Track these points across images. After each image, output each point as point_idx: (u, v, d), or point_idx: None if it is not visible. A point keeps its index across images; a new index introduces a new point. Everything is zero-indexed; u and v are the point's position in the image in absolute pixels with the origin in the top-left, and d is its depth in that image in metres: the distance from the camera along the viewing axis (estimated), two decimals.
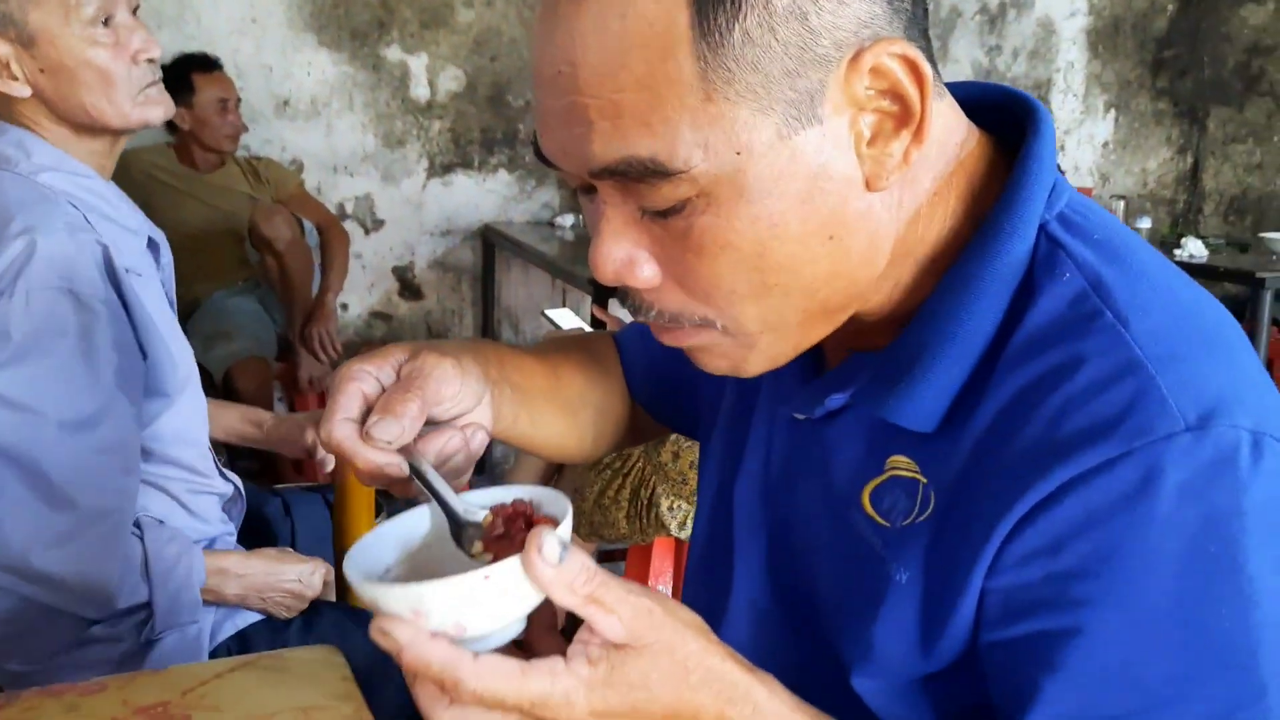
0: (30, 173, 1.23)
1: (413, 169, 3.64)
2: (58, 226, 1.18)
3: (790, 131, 0.54)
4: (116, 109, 1.26)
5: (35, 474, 1.16)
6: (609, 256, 0.59)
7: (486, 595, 0.52)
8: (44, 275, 1.15)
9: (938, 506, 0.59)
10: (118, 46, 1.25)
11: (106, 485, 1.20)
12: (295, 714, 0.71)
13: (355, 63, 3.51)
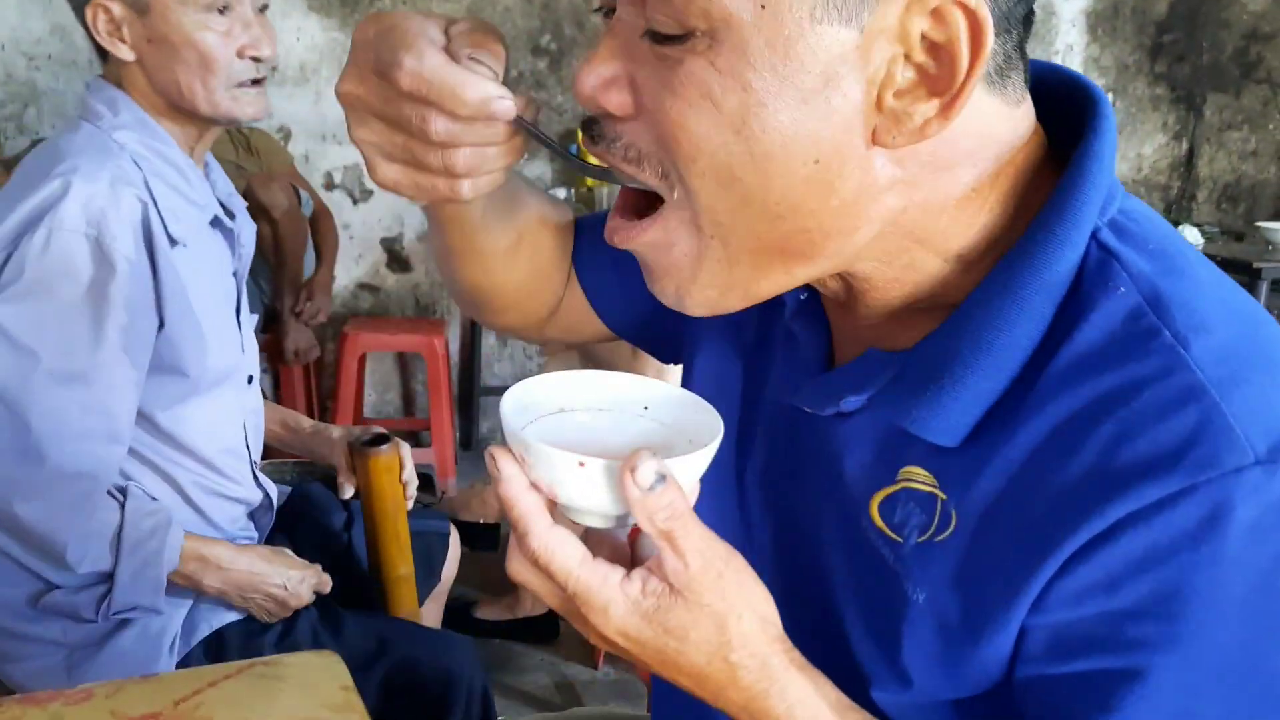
0: (109, 129, 1.25)
1: None
2: (101, 175, 1.18)
3: (824, 17, 0.50)
4: (208, 94, 1.26)
5: (18, 418, 1.14)
6: (595, 71, 0.56)
7: (578, 479, 0.53)
8: (72, 217, 1.15)
9: (962, 527, 0.55)
10: (227, 36, 1.26)
11: (83, 449, 1.18)
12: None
13: (346, 29, 3.43)
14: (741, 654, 0.54)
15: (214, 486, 1.37)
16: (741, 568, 0.55)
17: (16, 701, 0.69)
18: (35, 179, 1.19)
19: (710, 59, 0.51)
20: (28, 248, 1.15)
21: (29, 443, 1.15)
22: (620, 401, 0.63)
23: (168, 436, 1.30)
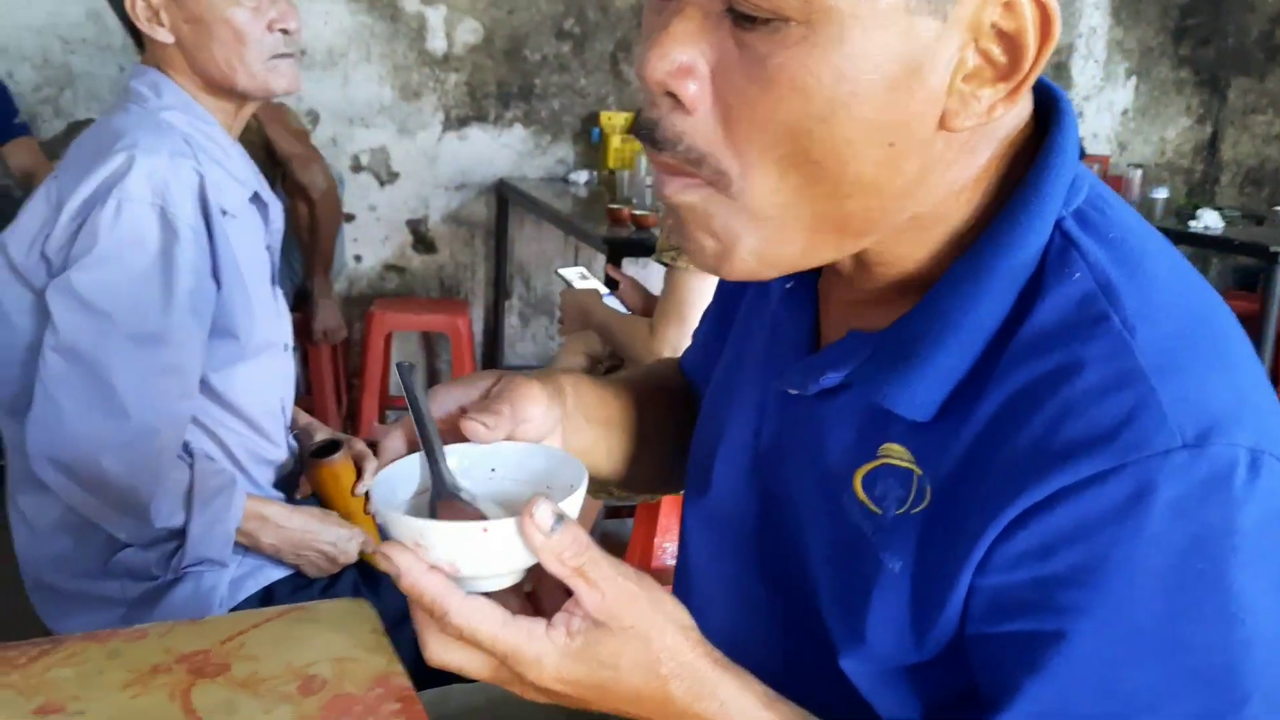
0: (155, 109, 1.31)
1: (428, 122, 3.63)
2: (161, 149, 1.25)
3: (917, 9, 0.51)
4: (246, 69, 1.32)
5: (100, 379, 1.22)
6: (668, 56, 0.54)
7: (482, 545, 0.56)
8: (138, 189, 1.22)
9: (933, 498, 0.59)
10: (257, 11, 1.32)
11: (161, 405, 1.26)
12: (331, 664, 0.74)
13: (373, 13, 3.49)
14: (671, 665, 0.57)
15: (255, 449, 1.44)
16: (652, 584, 0.58)
17: (79, 639, 0.75)
18: (97, 156, 1.25)
19: (805, 50, 0.52)
20: (99, 219, 1.21)
21: (113, 402, 1.23)
22: (468, 471, 0.66)
23: (218, 396, 1.36)
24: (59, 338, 1.24)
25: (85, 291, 1.23)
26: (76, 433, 1.25)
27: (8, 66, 3.27)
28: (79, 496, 1.29)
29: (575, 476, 0.61)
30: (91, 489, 1.28)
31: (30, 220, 1.30)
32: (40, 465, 1.28)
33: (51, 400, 1.25)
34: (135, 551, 1.33)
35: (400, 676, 0.73)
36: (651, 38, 0.55)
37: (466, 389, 0.69)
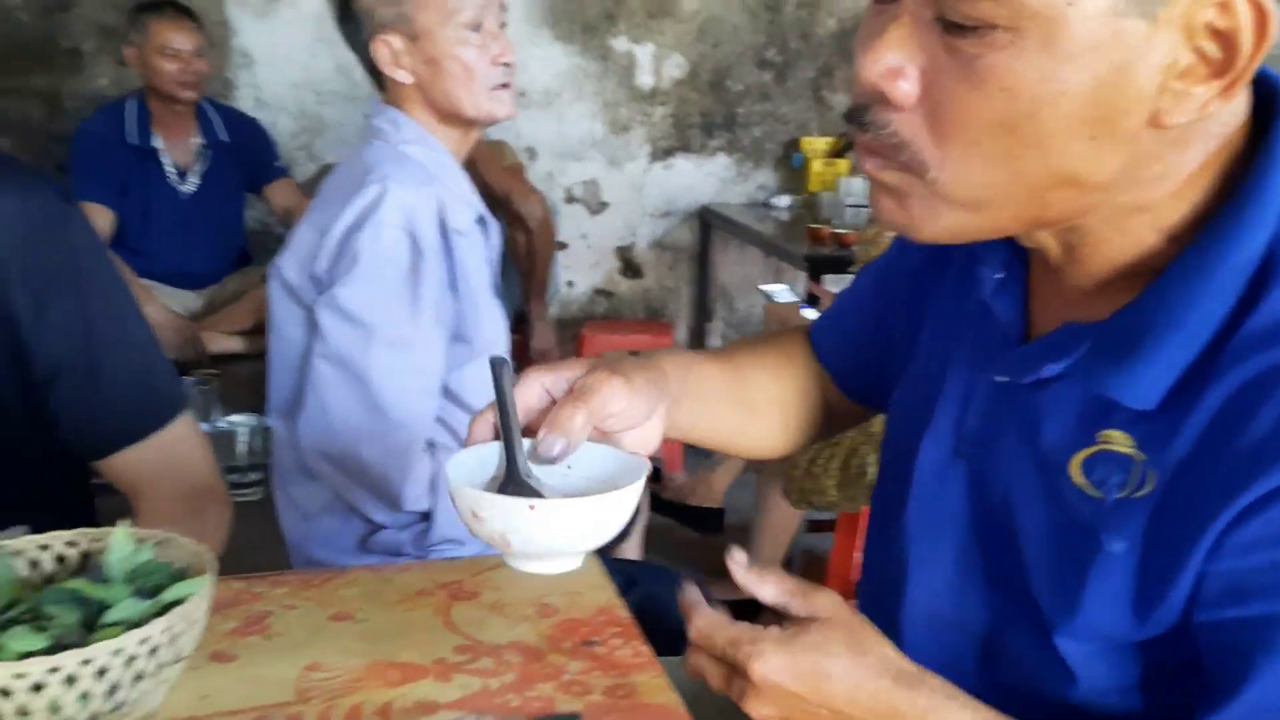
0: (397, 143, 1.49)
1: (636, 153, 3.82)
2: (407, 179, 1.42)
3: (1126, 11, 0.53)
4: (472, 99, 1.50)
5: (361, 381, 1.40)
6: (881, 59, 0.58)
7: (530, 522, 0.67)
8: (391, 215, 1.39)
9: (1160, 484, 0.61)
10: (482, 49, 1.49)
11: (411, 403, 1.43)
12: (562, 596, 0.86)
13: (586, 55, 3.72)
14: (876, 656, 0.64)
15: None
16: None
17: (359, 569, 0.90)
18: (354, 187, 1.45)
19: (1013, 53, 0.54)
20: (358, 242, 1.40)
21: (371, 399, 1.41)
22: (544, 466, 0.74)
23: (454, 395, 1.53)
24: (326, 346, 1.43)
25: (348, 305, 1.41)
26: (341, 428, 1.44)
27: (271, 118, 3.68)
28: (342, 483, 1.48)
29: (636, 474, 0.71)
30: (353, 476, 1.46)
31: (299, 246, 1.52)
32: (311, 457, 1.47)
33: (320, 400, 1.45)
34: (390, 532, 1.50)
35: (621, 609, 0.84)
36: (867, 42, 0.59)
37: (555, 378, 0.74)
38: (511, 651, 0.78)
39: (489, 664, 0.74)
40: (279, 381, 1.57)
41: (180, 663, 0.68)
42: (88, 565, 0.75)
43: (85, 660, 0.61)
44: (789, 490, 2.22)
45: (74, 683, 0.61)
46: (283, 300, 1.53)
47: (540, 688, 0.73)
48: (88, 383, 1.03)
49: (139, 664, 0.64)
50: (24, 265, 0.98)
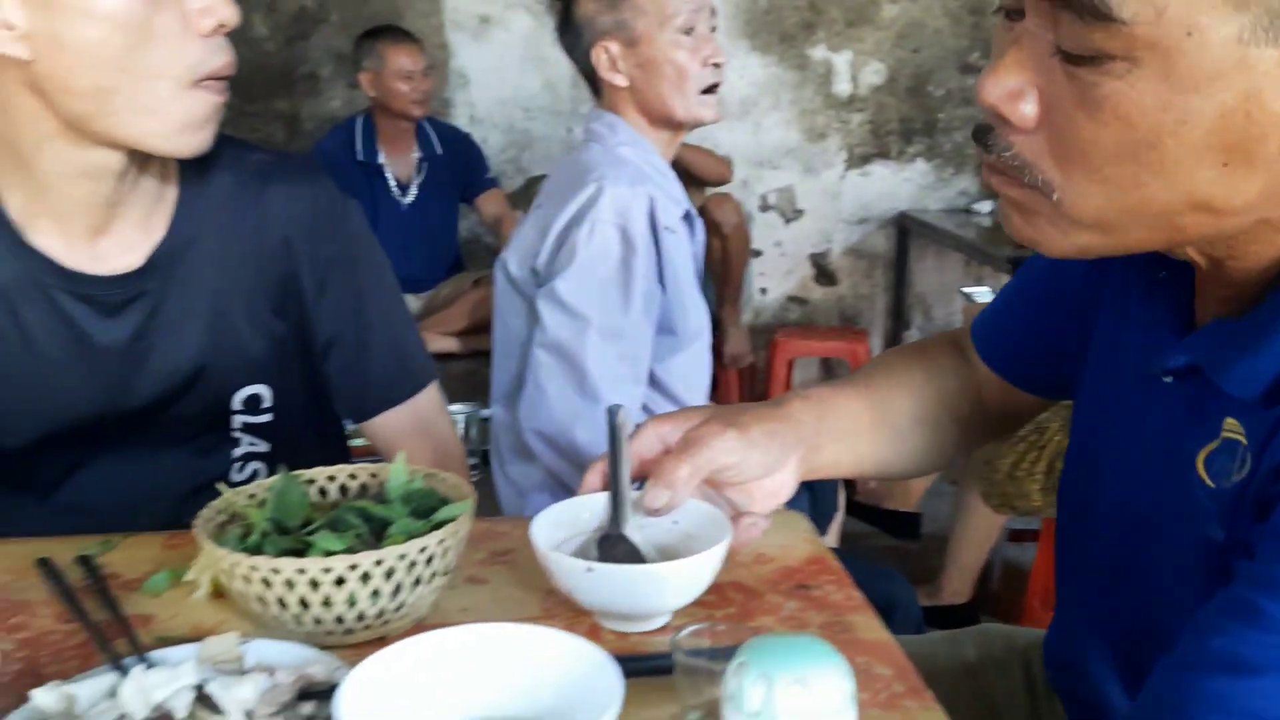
0: (612, 145, 1.60)
1: (832, 161, 3.84)
2: (622, 179, 1.52)
3: (1252, 40, 0.52)
4: (683, 101, 1.59)
5: (576, 367, 1.50)
6: (1001, 82, 0.58)
7: (588, 583, 0.73)
8: (606, 213, 1.49)
9: (1250, 469, 0.61)
10: (694, 52, 1.58)
11: (622, 389, 1.52)
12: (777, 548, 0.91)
13: (784, 64, 3.77)
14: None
15: None
16: None
17: None
18: (573, 187, 1.56)
19: (1130, 82, 0.54)
20: (576, 238, 1.51)
21: (585, 385, 1.51)
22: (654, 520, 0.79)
23: (659, 384, 1.62)
24: (546, 335, 1.54)
25: (566, 297, 1.51)
26: (557, 411, 1.54)
27: (483, 134, 3.92)
28: (556, 463, 1.58)
29: (718, 533, 0.76)
30: (566, 456, 1.56)
31: (522, 242, 1.64)
32: (529, 437, 1.58)
33: (539, 385, 1.56)
34: None
35: (832, 559, 0.89)
36: (991, 64, 0.60)
37: (672, 428, 0.79)
38: (731, 589, 0.84)
39: (711, 598, 0.80)
40: (501, 368, 1.70)
41: (446, 576, 0.78)
42: (366, 494, 0.87)
43: (378, 561, 0.71)
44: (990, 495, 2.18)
45: (367, 580, 0.72)
46: (506, 293, 1.66)
47: (761, 620, 0.79)
48: (357, 353, 1.16)
49: (417, 570, 0.74)
50: (311, 250, 1.12)
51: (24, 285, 0.99)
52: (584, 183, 1.53)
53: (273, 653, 0.69)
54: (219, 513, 0.81)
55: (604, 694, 0.57)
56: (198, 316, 1.07)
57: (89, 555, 0.88)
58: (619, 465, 0.79)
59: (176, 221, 1.05)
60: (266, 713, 0.60)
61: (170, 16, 0.89)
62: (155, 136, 0.92)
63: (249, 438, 1.13)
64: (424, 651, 0.62)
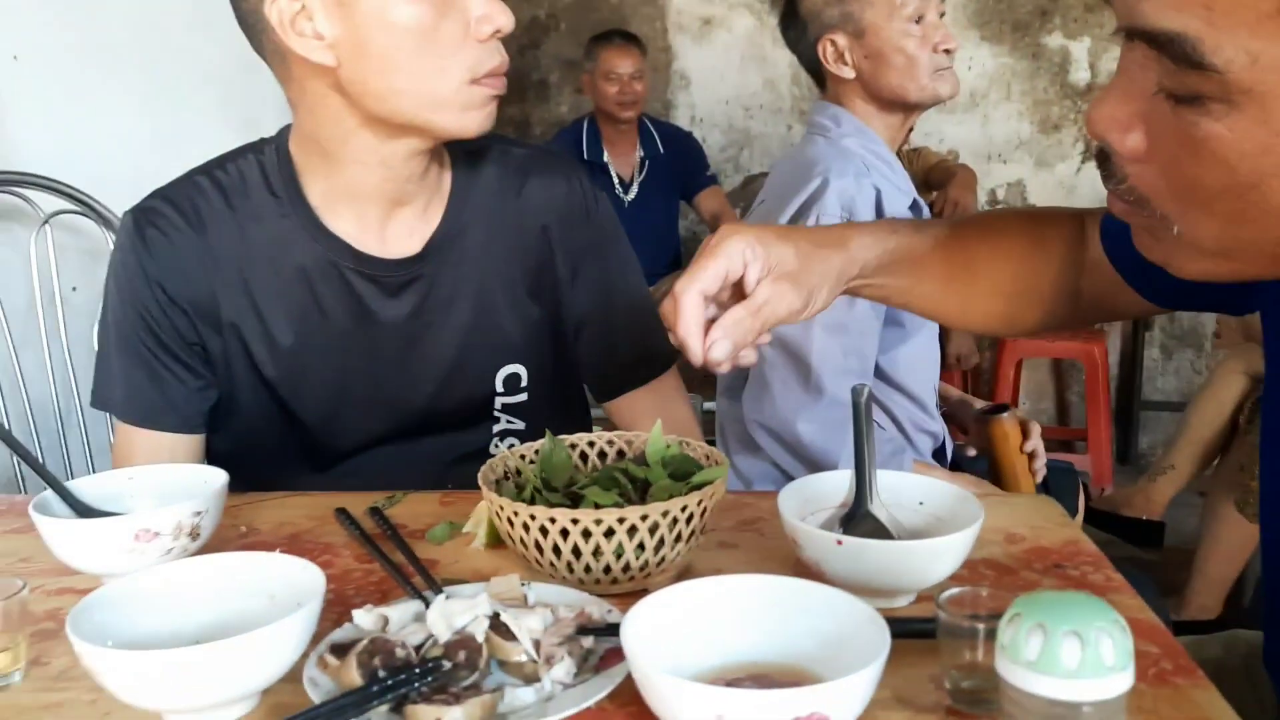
0: (837, 138, 1.62)
1: (1067, 153, 3.67)
2: (848, 171, 1.53)
3: None
4: (916, 84, 1.59)
5: (801, 362, 1.52)
6: (1107, 114, 0.59)
7: (837, 556, 0.75)
8: (831, 205, 1.51)
9: None
10: (923, 39, 1.58)
11: (845, 381, 1.52)
12: (1029, 529, 0.90)
13: (1016, 53, 3.63)
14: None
15: (918, 420, 1.66)
16: None
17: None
18: (798, 180, 1.57)
19: (1229, 125, 0.53)
20: None
21: (810, 379, 1.53)
22: (899, 501, 0.82)
23: (886, 376, 1.61)
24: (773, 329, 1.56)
25: None
26: (780, 404, 1.54)
27: (704, 133, 3.98)
28: (781, 456, 1.59)
29: (969, 522, 0.76)
30: (790, 449, 1.57)
31: None
32: (754, 430, 1.61)
33: (763, 379, 1.58)
34: None
35: (1088, 543, 0.87)
36: (1101, 93, 0.61)
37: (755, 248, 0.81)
38: (984, 566, 0.83)
39: (964, 573, 0.80)
40: None
41: (702, 535, 0.82)
42: (622, 458, 0.92)
43: (644, 515, 0.76)
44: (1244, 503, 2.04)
45: (634, 534, 0.77)
46: None
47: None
48: (605, 335, 1.23)
49: (678, 527, 0.78)
50: (565, 237, 1.20)
51: (322, 265, 1.11)
52: (809, 176, 1.55)
53: (550, 594, 0.75)
54: (495, 469, 0.88)
55: (869, 645, 0.59)
56: (465, 298, 1.16)
57: (378, 507, 0.97)
58: (863, 443, 0.81)
59: (450, 211, 1.15)
60: (552, 642, 0.66)
61: (454, 24, 0.98)
62: (442, 123, 1.01)
63: (507, 416, 1.22)
64: (696, 595, 0.66)
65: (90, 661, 0.61)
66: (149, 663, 0.60)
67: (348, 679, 0.64)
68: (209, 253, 1.10)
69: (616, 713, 0.64)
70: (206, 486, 0.88)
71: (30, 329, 1.76)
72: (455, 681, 0.64)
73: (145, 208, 1.11)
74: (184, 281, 1.10)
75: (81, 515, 0.88)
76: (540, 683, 0.65)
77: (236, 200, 1.11)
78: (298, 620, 0.64)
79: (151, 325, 1.10)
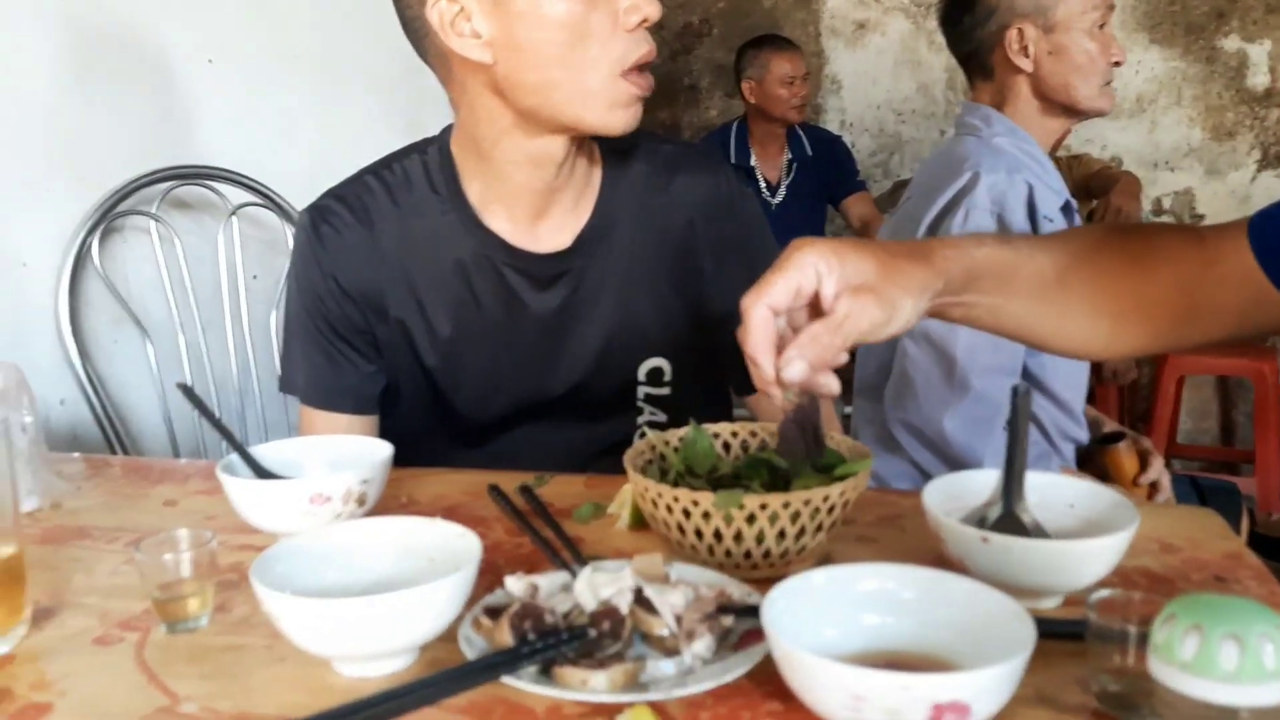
0: (988, 136, 1.61)
1: (1241, 161, 3.47)
2: (999, 167, 1.51)
3: None
4: (1087, 92, 1.58)
5: (945, 357, 1.50)
6: None
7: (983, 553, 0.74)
8: (982, 200, 1.50)
9: None
10: (1104, 46, 1.58)
11: (991, 379, 1.50)
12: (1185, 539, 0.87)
13: (1187, 57, 3.47)
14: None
15: (1064, 427, 1.61)
16: None
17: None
18: (947, 176, 1.55)
19: None
20: (950, 226, 1.51)
21: (955, 375, 1.51)
22: (1048, 502, 0.80)
23: (1035, 379, 1.57)
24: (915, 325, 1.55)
25: None
26: (924, 401, 1.54)
27: (853, 138, 3.94)
28: (922, 454, 1.58)
29: (1123, 525, 0.73)
30: (932, 447, 1.56)
31: (895, 233, 1.65)
32: (895, 428, 1.60)
33: (906, 376, 1.57)
34: None
35: (1251, 556, 0.84)
36: None
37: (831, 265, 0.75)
38: (1137, 574, 0.81)
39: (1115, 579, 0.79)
40: (866, 361, 1.72)
41: (842, 526, 0.83)
42: (764, 448, 0.94)
43: (786, 503, 0.77)
44: None
45: (775, 520, 0.78)
46: None
47: None
48: None
49: (819, 516, 0.79)
50: (710, 232, 1.22)
51: (478, 259, 1.17)
52: (958, 171, 1.53)
53: (691, 574, 0.77)
54: (640, 453, 0.91)
55: (1014, 639, 0.59)
56: (611, 292, 1.19)
57: (529, 486, 1.02)
58: (1017, 444, 0.80)
59: (599, 206, 1.18)
60: (693, 619, 0.68)
61: (603, 15, 1.02)
62: (590, 118, 1.05)
63: (650, 408, 1.25)
64: (837, 580, 0.67)
65: (270, 607, 0.67)
66: (322, 611, 0.65)
67: (500, 639, 0.68)
68: (376, 248, 1.17)
69: (754, 691, 0.65)
70: (373, 457, 0.94)
71: (215, 312, 1.89)
72: (600, 649, 0.67)
73: (320, 206, 1.19)
74: (354, 274, 1.17)
75: (261, 479, 0.95)
76: (680, 656, 0.67)
77: (401, 198, 1.17)
78: (456, 581, 0.68)
79: (327, 315, 1.18)
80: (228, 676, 0.70)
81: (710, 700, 0.64)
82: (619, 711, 0.61)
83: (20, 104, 1.59)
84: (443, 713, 0.64)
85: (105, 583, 0.88)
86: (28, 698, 0.69)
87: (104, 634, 0.78)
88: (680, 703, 0.64)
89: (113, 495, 1.11)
